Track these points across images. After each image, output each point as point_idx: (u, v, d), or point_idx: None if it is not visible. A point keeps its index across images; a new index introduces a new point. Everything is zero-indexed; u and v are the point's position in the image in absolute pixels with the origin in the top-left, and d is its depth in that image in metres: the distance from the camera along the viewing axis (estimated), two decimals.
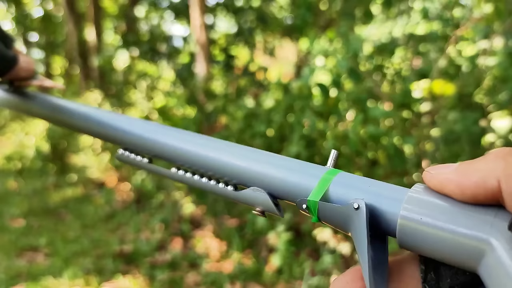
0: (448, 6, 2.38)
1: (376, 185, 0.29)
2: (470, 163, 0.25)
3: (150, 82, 4.72)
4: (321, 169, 0.31)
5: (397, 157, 1.76)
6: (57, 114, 0.53)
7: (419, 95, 1.84)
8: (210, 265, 2.40)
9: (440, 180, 0.25)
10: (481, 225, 0.23)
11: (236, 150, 0.36)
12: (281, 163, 0.33)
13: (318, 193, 0.30)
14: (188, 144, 0.39)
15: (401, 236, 0.26)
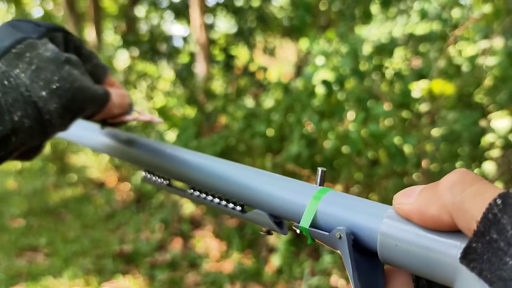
0: (447, 6, 2.38)
1: (359, 205, 0.31)
2: (428, 193, 0.26)
3: (150, 82, 4.72)
4: (310, 189, 0.34)
5: (398, 157, 1.76)
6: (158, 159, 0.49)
7: (418, 95, 1.84)
8: (210, 265, 2.40)
9: (404, 212, 0.27)
10: (449, 251, 0.24)
11: (239, 172, 0.40)
12: (278, 184, 0.37)
13: (307, 219, 0.33)
14: (201, 167, 0.43)
15: (382, 252, 0.28)
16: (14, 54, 0.36)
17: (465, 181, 0.24)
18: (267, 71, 3.82)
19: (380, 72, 2.17)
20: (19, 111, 0.34)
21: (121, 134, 0.53)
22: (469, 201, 0.23)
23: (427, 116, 2.02)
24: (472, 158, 1.84)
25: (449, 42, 1.90)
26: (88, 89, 0.40)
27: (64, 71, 0.38)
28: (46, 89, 0.36)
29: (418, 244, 0.26)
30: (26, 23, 0.41)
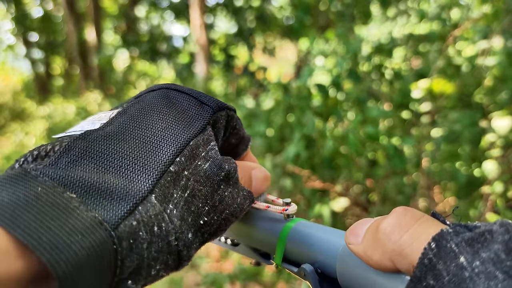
0: (446, 6, 2.38)
1: (321, 236, 0.32)
2: (371, 236, 0.26)
3: (150, 81, 4.72)
4: (279, 225, 0.36)
5: (396, 157, 1.76)
6: None
7: (418, 95, 1.85)
8: (209, 265, 2.40)
9: (354, 252, 0.27)
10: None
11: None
12: (251, 222, 0.38)
13: (279, 257, 0.35)
14: None
15: (342, 283, 0.29)
16: (172, 175, 0.26)
17: (402, 225, 0.24)
18: (267, 71, 3.83)
19: (380, 72, 2.17)
20: (159, 264, 0.25)
21: None
22: (406, 247, 0.23)
23: (427, 116, 2.02)
24: (472, 158, 1.84)
25: (449, 42, 1.90)
26: (234, 213, 0.31)
27: (217, 195, 0.29)
28: (192, 228, 0.27)
29: (368, 280, 0.27)
30: (187, 99, 0.31)
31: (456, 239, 0.22)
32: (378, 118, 1.84)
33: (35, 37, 8.07)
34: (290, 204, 0.37)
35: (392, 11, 2.90)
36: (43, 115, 4.98)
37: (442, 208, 1.97)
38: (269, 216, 0.37)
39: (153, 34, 5.65)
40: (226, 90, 3.61)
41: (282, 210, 0.36)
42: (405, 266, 0.23)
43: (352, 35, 2.36)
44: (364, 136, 1.77)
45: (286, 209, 0.36)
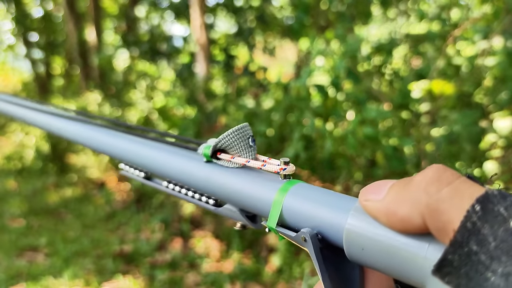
0: (446, 6, 2.38)
1: (325, 199, 0.29)
2: (399, 190, 0.24)
3: (150, 82, 4.72)
4: (275, 184, 0.33)
5: (395, 158, 1.76)
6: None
7: (418, 95, 1.85)
8: (210, 265, 2.40)
9: (371, 210, 0.25)
10: (417, 256, 0.23)
11: (204, 167, 0.39)
12: (245, 178, 0.36)
13: (274, 219, 0.31)
14: (172, 161, 0.43)
15: (348, 251, 0.26)
16: None
17: (442, 179, 0.22)
18: (267, 71, 3.82)
19: (380, 73, 2.17)
20: None
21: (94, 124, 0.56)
22: (445, 202, 0.21)
23: (427, 116, 2.02)
24: (472, 158, 1.84)
25: (449, 42, 1.90)
26: None
27: None
28: None
29: (384, 247, 0.24)
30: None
31: (504, 203, 0.20)
32: (378, 119, 1.84)
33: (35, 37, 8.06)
34: (288, 164, 0.34)
35: (392, 12, 2.90)
36: None
37: None
38: (264, 175, 0.35)
39: (153, 34, 5.64)
40: (226, 90, 3.61)
41: (279, 169, 0.33)
42: (438, 225, 0.21)
43: (352, 35, 2.36)
44: (363, 137, 1.77)
45: (284, 168, 0.33)
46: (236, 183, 0.36)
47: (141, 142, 0.48)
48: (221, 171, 0.37)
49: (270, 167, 0.34)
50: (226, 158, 0.37)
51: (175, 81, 4.23)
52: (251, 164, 0.36)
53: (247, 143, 0.36)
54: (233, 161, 0.37)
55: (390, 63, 2.23)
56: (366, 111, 1.82)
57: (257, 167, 0.35)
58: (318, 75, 2.03)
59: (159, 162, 0.43)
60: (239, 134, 0.36)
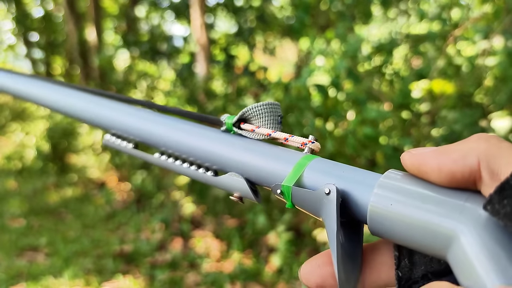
0: (447, 6, 2.38)
1: (351, 170, 0.29)
2: (452, 144, 0.24)
3: (150, 82, 4.72)
4: (297, 155, 0.31)
5: (395, 158, 1.76)
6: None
7: (418, 95, 1.84)
8: (210, 265, 2.40)
9: (419, 158, 0.25)
10: (450, 212, 0.22)
11: (214, 135, 0.37)
12: (258, 148, 0.34)
13: (292, 178, 0.30)
14: (168, 129, 0.39)
15: (372, 223, 0.26)
16: None
17: (500, 138, 0.23)
18: (267, 71, 3.82)
19: (380, 72, 2.17)
20: None
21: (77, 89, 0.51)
22: (506, 149, 0.22)
23: (427, 116, 2.02)
24: None
25: (449, 42, 1.90)
26: None
27: None
28: None
29: (416, 206, 0.24)
30: None
31: None
32: (378, 119, 1.84)
33: (35, 37, 8.06)
34: (316, 140, 0.32)
35: (393, 11, 2.90)
36: (43, 115, 4.99)
37: None
38: (286, 149, 0.33)
39: (154, 34, 5.64)
40: (226, 90, 3.61)
41: (308, 141, 0.32)
42: (494, 167, 0.21)
43: (353, 35, 2.36)
44: (363, 137, 1.77)
45: (312, 142, 0.32)
46: (253, 151, 0.34)
47: (138, 111, 0.44)
48: (239, 139, 0.35)
49: (296, 139, 0.33)
50: (249, 128, 0.35)
51: (175, 81, 4.23)
52: (276, 135, 0.34)
53: (276, 119, 0.35)
54: (257, 131, 0.35)
55: (390, 63, 2.23)
56: (366, 111, 1.82)
57: (283, 138, 0.34)
58: (319, 75, 2.03)
59: (161, 131, 0.40)
60: (269, 108, 0.35)
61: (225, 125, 0.37)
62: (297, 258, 2.26)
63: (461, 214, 0.22)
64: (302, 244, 2.33)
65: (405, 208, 0.24)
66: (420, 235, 0.23)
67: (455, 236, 0.22)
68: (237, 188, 0.34)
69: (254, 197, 0.34)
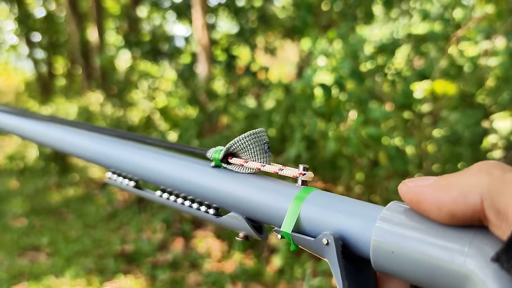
0: (449, 6, 2.37)
1: (349, 204, 0.28)
2: (451, 176, 0.23)
3: (151, 82, 4.72)
4: (291, 189, 0.31)
5: (398, 158, 1.75)
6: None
7: (420, 96, 1.84)
8: (211, 265, 2.40)
9: (417, 193, 0.23)
10: (456, 254, 0.21)
11: (205, 172, 0.36)
12: (251, 185, 0.33)
13: (290, 223, 0.29)
14: (163, 167, 0.40)
15: (376, 259, 0.25)
16: None
17: (503, 166, 0.21)
18: (269, 71, 3.82)
19: (382, 73, 2.17)
20: None
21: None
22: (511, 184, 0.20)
23: (429, 116, 2.01)
24: (474, 159, 1.83)
25: (451, 42, 1.89)
26: None
27: None
28: None
29: (421, 245, 0.22)
30: None
31: None
32: (380, 119, 1.84)
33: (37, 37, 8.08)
34: (307, 170, 0.31)
35: (395, 11, 2.89)
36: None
37: None
38: (278, 181, 0.32)
39: (155, 34, 5.65)
40: (227, 90, 3.61)
41: (298, 174, 0.30)
42: (499, 206, 0.20)
43: (355, 35, 2.36)
44: (365, 137, 1.77)
45: (304, 173, 0.30)
46: (247, 188, 0.33)
47: (135, 147, 0.44)
48: (231, 176, 0.35)
49: (288, 172, 0.31)
50: (238, 163, 0.34)
51: (177, 81, 4.24)
52: (266, 168, 0.33)
53: (263, 148, 0.34)
54: (246, 165, 0.34)
55: (392, 63, 2.23)
56: (369, 111, 1.82)
57: (273, 172, 0.32)
58: (321, 75, 2.02)
59: (157, 168, 0.40)
60: (254, 138, 0.34)
61: (212, 160, 0.36)
62: (298, 258, 2.26)
63: (469, 250, 0.21)
64: None
65: (410, 243, 0.23)
66: (426, 276, 0.23)
67: (465, 279, 0.21)
68: (240, 228, 0.34)
69: (258, 234, 0.33)
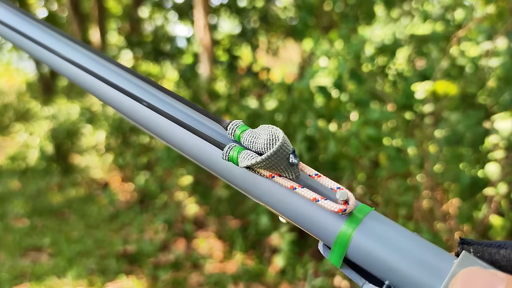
0: (450, 7, 2.37)
1: (412, 250, 0.24)
2: None
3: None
4: (335, 220, 0.27)
5: (398, 159, 1.75)
6: None
7: (421, 96, 1.84)
8: (213, 265, 2.40)
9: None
10: None
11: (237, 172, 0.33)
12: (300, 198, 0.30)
13: (338, 256, 0.27)
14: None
15: None
16: None
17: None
18: (271, 71, 3.82)
19: (383, 73, 2.17)
20: None
21: None
22: None
23: (431, 117, 2.01)
24: (475, 159, 1.83)
25: (453, 42, 1.89)
26: None
27: None
28: None
29: None
30: None
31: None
32: (381, 120, 1.84)
33: None
34: (346, 197, 0.27)
35: (396, 12, 2.89)
36: (47, 116, 5.00)
37: (445, 209, 1.97)
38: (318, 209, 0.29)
39: (157, 35, 5.65)
40: (229, 90, 3.61)
41: (338, 210, 0.26)
42: None
43: (356, 36, 2.36)
44: (366, 138, 1.77)
45: (344, 209, 0.26)
46: (298, 210, 0.29)
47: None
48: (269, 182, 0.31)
49: (328, 205, 0.27)
50: (266, 174, 0.30)
51: (179, 82, 4.24)
52: (298, 191, 0.29)
53: (288, 163, 0.29)
54: (277, 180, 0.30)
55: (393, 64, 2.23)
56: (370, 112, 1.82)
57: (312, 199, 0.28)
58: (322, 76, 2.03)
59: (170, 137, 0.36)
60: (279, 156, 0.29)
61: (227, 154, 0.31)
62: (300, 259, 2.26)
63: None
64: (305, 245, 2.33)
65: None
66: None
67: None
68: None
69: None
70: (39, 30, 0.43)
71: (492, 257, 0.23)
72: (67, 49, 0.42)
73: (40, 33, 0.42)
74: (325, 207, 0.27)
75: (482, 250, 0.24)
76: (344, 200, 0.27)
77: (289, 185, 0.29)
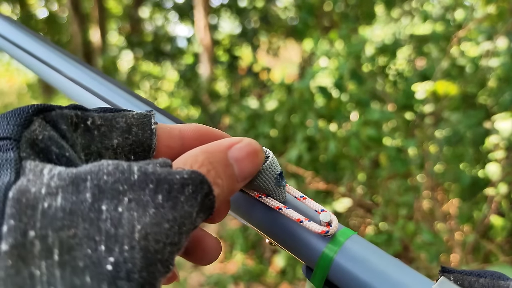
0: (450, 7, 2.37)
1: (388, 272, 0.25)
2: None
3: (154, 82, 4.73)
4: (316, 242, 0.27)
5: (398, 159, 1.75)
6: None
7: (422, 96, 1.84)
8: (213, 265, 2.40)
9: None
10: None
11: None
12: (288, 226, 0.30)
13: (319, 278, 0.27)
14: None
15: None
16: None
17: None
18: (271, 71, 3.83)
19: (384, 73, 2.17)
20: None
21: None
22: None
23: (431, 117, 2.02)
24: (476, 159, 1.83)
25: (453, 42, 1.89)
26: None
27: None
28: None
29: None
30: None
31: None
32: (381, 120, 1.84)
33: None
34: (329, 219, 0.27)
35: (396, 12, 2.90)
36: None
37: (446, 209, 1.97)
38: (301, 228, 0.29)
39: (157, 35, 5.66)
40: (230, 91, 3.61)
41: (321, 231, 0.26)
42: None
43: (356, 36, 2.36)
44: (366, 138, 1.77)
45: (327, 231, 0.27)
46: (283, 232, 0.29)
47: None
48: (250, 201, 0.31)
49: (312, 226, 0.27)
50: (252, 194, 0.30)
51: (179, 82, 4.24)
52: (288, 213, 0.28)
53: (275, 184, 0.29)
54: (264, 200, 0.30)
55: (394, 64, 2.23)
56: (370, 112, 1.82)
57: (296, 219, 0.28)
58: (322, 76, 2.03)
59: None
60: (266, 176, 0.29)
61: None
62: None
63: None
64: None
65: None
66: None
67: None
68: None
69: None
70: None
71: (471, 286, 0.25)
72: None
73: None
74: (308, 228, 0.27)
75: (462, 278, 0.25)
76: (327, 222, 0.27)
77: (275, 205, 0.29)
